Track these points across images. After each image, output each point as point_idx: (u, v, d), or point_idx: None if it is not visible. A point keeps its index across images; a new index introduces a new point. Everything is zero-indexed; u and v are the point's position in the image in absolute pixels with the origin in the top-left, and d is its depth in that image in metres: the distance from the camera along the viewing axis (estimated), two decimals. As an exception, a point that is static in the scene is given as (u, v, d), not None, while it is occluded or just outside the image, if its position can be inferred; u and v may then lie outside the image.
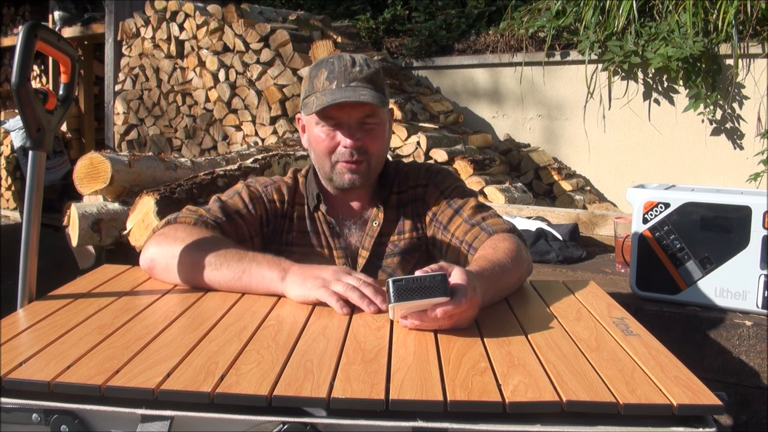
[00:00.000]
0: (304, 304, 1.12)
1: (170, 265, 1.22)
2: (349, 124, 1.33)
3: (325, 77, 1.33)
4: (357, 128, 1.34)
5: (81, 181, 2.59)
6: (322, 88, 1.33)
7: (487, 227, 1.35)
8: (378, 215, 1.44)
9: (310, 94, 1.35)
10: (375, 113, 1.35)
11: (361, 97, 1.30)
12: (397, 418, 0.76)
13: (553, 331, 1.03)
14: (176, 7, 4.86)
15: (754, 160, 3.56)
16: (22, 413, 0.79)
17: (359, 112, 1.33)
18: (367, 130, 1.35)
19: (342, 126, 1.34)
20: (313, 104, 1.32)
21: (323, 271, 1.14)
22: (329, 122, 1.34)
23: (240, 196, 1.41)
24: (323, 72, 1.34)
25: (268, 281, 1.16)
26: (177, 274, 1.21)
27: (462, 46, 4.75)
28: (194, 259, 1.20)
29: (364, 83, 1.32)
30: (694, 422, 0.77)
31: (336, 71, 1.32)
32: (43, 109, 1.13)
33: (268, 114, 4.33)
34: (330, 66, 1.34)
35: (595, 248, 2.60)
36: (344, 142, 1.34)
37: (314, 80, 1.35)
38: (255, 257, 1.20)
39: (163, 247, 1.25)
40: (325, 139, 1.35)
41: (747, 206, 1.65)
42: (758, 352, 1.68)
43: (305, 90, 1.38)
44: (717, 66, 3.60)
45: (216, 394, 0.77)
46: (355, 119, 1.34)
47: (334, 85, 1.32)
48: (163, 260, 1.23)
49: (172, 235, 1.26)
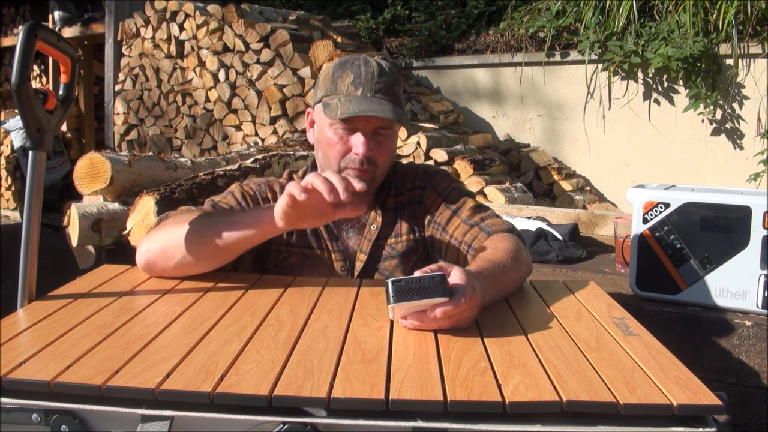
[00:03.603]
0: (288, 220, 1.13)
1: (166, 247, 1.23)
2: (365, 132, 1.33)
3: (350, 81, 1.33)
4: (371, 138, 1.34)
5: (81, 181, 2.59)
6: (346, 91, 1.32)
7: (486, 227, 1.35)
8: (376, 219, 1.44)
9: (333, 95, 1.34)
10: (390, 126, 1.36)
11: (387, 113, 1.30)
12: (397, 418, 0.76)
13: (553, 331, 1.03)
14: (176, 7, 4.87)
15: (754, 160, 3.56)
16: (22, 413, 0.79)
17: (376, 124, 1.34)
18: (379, 141, 1.36)
19: (356, 133, 1.34)
20: (337, 108, 1.31)
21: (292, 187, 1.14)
22: (346, 127, 1.34)
23: (233, 195, 1.42)
24: (349, 75, 1.33)
25: (257, 217, 1.18)
26: (175, 252, 1.22)
27: (462, 46, 4.75)
28: (185, 230, 1.21)
29: (388, 96, 1.33)
30: (694, 422, 0.77)
31: (363, 78, 1.32)
32: (43, 109, 1.13)
33: (268, 114, 4.33)
34: (356, 70, 1.33)
35: (595, 248, 2.60)
36: (356, 150, 1.33)
37: (338, 81, 1.34)
38: (243, 210, 1.26)
39: (153, 237, 1.26)
40: (338, 143, 1.35)
41: (747, 206, 1.65)
42: (758, 352, 1.68)
43: (327, 88, 1.36)
44: (717, 66, 3.60)
45: (216, 394, 0.77)
46: (370, 129, 1.34)
47: (359, 92, 1.32)
48: (158, 246, 1.24)
49: (161, 227, 1.28)
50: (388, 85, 1.34)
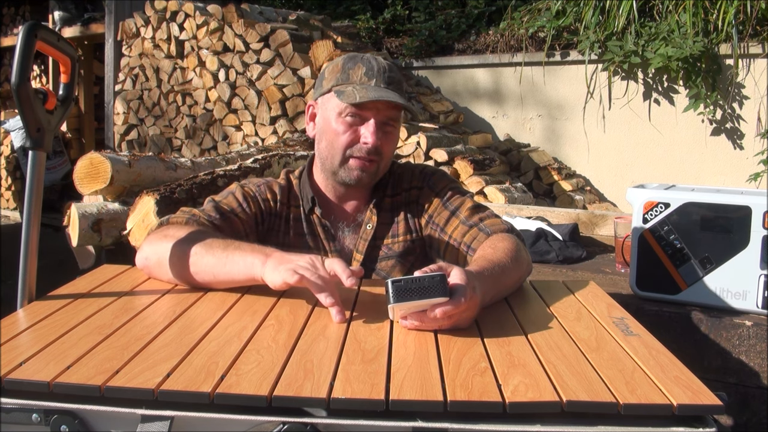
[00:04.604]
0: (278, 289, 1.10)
1: (162, 261, 1.22)
2: (375, 122, 1.35)
3: (363, 72, 1.36)
4: (379, 128, 1.36)
5: (81, 181, 2.59)
6: (359, 81, 1.35)
7: (485, 228, 1.35)
8: (372, 218, 1.44)
9: (346, 84, 1.36)
10: (397, 119, 1.39)
11: (401, 102, 1.34)
12: (397, 418, 0.76)
13: (553, 331, 1.03)
14: (176, 7, 4.86)
15: (754, 160, 3.56)
16: (22, 413, 0.79)
17: (388, 113, 1.36)
18: (387, 133, 1.38)
19: (367, 123, 1.35)
20: (354, 94, 1.33)
21: (300, 258, 1.11)
22: (358, 116, 1.35)
23: (234, 196, 1.42)
24: (361, 67, 1.37)
25: (249, 266, 1.14)
26: (169, 269, 1.22)
27: (462, 46, 4.75)
28: (183, 251, 1.20)
29: (398, 90, 1.37)
30: (694, 422, 0.77)
31: (375, 70, 1.36)
32: (43, 109, 1.13)
33: (268, 114, 4.33)
34: (367, 63, 1.37)
35: (595, 248, 2.60)
36: (366, 139, 1.35)
37: (350, 72, 1.37)
38: (240, 245, 1.19)
39: (155, 245, 1.26)
40: (346, 132, 1.36)
41: (747, 206, 1.65)
42: (758, 352, 1.68)
43: (338, 78, 1.38)
44: (717, 66, 3.60)
45: (216, 394, 0.77)
46: (381, 118, 1.36)
47: (373, 82, 1.35)
48: (155, 257, 1.24)
49: (163, 233, 1.27)
50: (397, 80, 1.39)
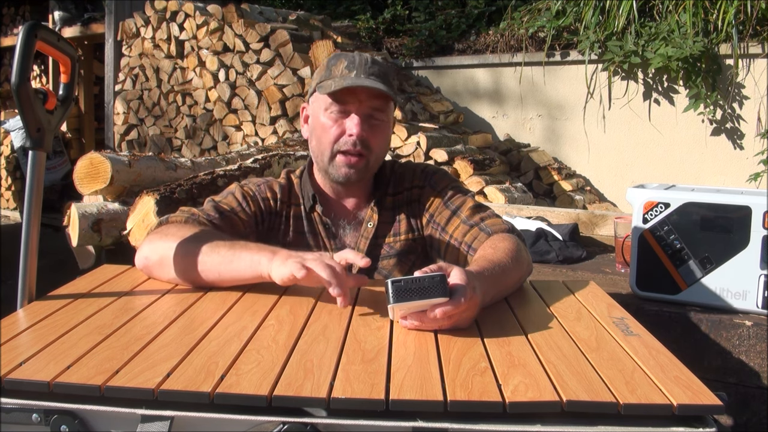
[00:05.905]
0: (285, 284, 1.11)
1: (163, 260, 1.22)
2: (359, 113, 1.35)
3: (344, 66, 1.37)
4: (365, 120, 1.36)
5: (81, 181, 2.59)
6: (340, 74, 1.36)
7: (486, 228, 1.35)
8: (372, 216, 1.44)
9: (327, 79, 1.37)
10: (383, 109, 1.38)
11: (380, 88, 1.34)
12: (397, 418, 0.76)
13: (553, 331, 1.03)
14: (176, 7, 4.86)
15: (754, 160, 3.56)
16: (22, 413, 0.79)
17: (371, 104, 1.36)
18: (373, 125, 1.38)
19: (351, 115, 1.36)
20: (331, 86, 1.34)
21: (308, 254, 1.12)
22: (340, 107, 1.36)
23: (234, 196, 1.42)
24: (343, 62, 1.38)
25: (256, 263, 1.15)
26: (172, 268, 1.21)
27: (462, 46, 4.75)
28: (186, 249, 1.20)
29: (381, 79, 1.36)
30: (694, 422, 0.77)
31: (356, 63, 1.37)
32: (43, 109, 1.13)
33: (268, 114, 4.33)
34: (350, 59, 1.38)
35: (595, 248, 2.60)
36: (350, 131, 1.35)
37: (332, 68, 1.38)
38: (246, 244, 1.20)
39: (155, 244, 1.25)
40: (332, 126, 1.37)
41: (747, 206, 1.65)
42: (758, 352, 1.68)
43: (321, 76, 1.40)
44: (717, 66, 3.60)
45: (216, 394, 0.77)
46: (365, 110, 1.36)
47: (353, 74, 1.35)
48: (156, 256, 1.24)
49: (163, 232, 1.27)
50: (381, 71, 1.38)
